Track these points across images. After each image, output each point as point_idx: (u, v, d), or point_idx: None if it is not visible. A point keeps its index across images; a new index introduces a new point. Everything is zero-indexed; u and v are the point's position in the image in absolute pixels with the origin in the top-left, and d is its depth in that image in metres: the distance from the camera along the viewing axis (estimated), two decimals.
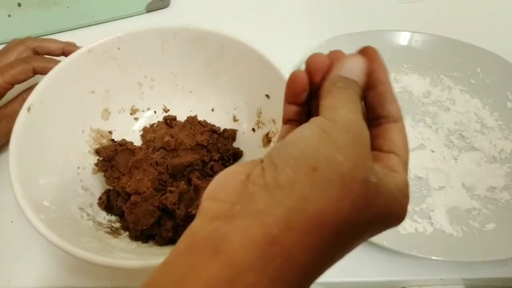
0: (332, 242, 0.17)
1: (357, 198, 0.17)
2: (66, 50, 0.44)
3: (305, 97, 0.22)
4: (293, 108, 0.23)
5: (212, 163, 0.41)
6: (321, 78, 0.21)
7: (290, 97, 0.23)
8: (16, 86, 0.40)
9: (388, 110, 0.21)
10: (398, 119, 0.21)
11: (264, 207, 0.17)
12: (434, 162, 0.45)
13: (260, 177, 0.18)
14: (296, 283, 0.16)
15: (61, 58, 0.43)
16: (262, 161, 0.19)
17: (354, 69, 0.21)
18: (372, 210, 0.17)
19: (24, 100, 0.37)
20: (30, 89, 0.41)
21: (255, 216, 0.17)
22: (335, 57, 0.22)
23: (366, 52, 0.22)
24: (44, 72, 0.40)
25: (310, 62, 0.22)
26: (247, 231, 0.16)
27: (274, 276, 0.16)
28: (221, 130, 0.44)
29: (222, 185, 0.19)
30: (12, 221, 0.40)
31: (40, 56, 0.43)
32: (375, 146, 0.21)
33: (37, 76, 0.41)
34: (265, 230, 0.16)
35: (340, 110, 0.19)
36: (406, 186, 0.20)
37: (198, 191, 0.37)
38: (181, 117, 0.46)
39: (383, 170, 0.19)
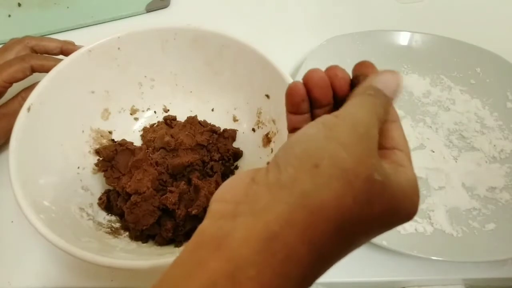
0: (335, 237, 0.17)
1: (360, 195, 0.17)
2: (64, 49, 0.44)
3: (307, 108, 0.23)
4: (296, 118, 0.23)
5: (212, 163, 0.41)
6: (320, 93, 0.22)
7: (291, 107, 0.23)
8: (15, 85, 0.40)
9: None
10: (396, 119, 0.22)
11: (266, 205, 0.17)
12: (434, 162, 0.45)
13: (264, 178, 0.18)
14: (300, 277, 0.16)
15: (60, 57, 0.43)
16: (268, 163, 0.19)
17: (388, 84, 0.21)
18: (376, 207, 0.18)
19: (23, 99, 0.37)
20: (29, 88, 0.41)
21: (257, 213, 0.17)
22: (333, 73, 0.22)
23: (363, 65, 0.23)
24: (42, 70, 0.40)
25: (308, 78, 0.22)
26: (249, 228, 0.17)
27: (277, 270, 0.16)
28: (221, 130, 0.44)
29: (229, 188, 0.20)
30: (12, 221, 0.40)
31: (38, 54, 0.43)
32: (378, 145, 0.21)
33: (36, 74, 0.41)
34: (266, 226, 0.17)
35: (352, 108, 0.20)
36: (415, 181, 0.20)
37: (198, 191, 0.37)
38: (181, 117, 0.45)
39: (391, 165, 0.19)
